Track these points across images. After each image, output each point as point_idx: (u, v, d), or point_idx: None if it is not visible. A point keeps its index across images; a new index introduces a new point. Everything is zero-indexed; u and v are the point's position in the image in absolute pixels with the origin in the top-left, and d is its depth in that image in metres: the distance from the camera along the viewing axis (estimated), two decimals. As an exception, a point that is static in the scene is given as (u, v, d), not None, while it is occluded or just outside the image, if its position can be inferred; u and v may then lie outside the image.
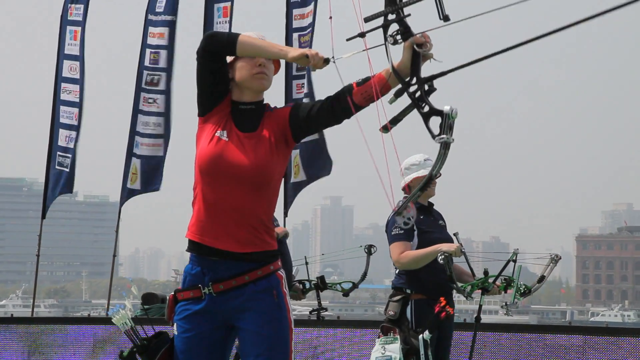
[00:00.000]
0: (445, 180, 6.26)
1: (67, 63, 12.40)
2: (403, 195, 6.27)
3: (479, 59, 3.35)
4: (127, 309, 4.41)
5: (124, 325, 4.35)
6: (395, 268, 6.27)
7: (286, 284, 3.98)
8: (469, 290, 6.24)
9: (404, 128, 3.68)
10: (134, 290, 4.94)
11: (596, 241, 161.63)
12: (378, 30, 3.56)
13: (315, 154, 11.07)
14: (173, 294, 3.99)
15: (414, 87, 3.54)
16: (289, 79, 11.30)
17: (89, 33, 12.42)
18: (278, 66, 4.10)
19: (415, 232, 6.15)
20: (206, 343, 3.91)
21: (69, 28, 12.43)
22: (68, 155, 12.21)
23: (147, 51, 12.10)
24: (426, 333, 5.95)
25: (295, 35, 11.29)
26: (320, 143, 11.00)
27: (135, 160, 12.06)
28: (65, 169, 12.23)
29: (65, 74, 12.38)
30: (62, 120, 12.29)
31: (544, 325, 26.19)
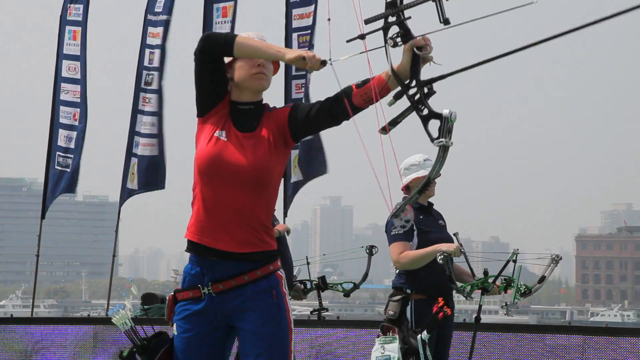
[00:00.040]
0: (444, 181, 6.26)
1: (65, 63, 12.40)
2: (402, 196, 6.27)
3: (479, 63, 3.36)
4: (126, 309, 4.41)
5: (124, 325, 4.35)
6: (396, 268, 6.27)
7: (286, 284, 3.98)
8: (469, 290, 6.24)
9: (403, 130, 3.67)
10: (133, 290, 4.94)
11: (596, 241, 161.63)
12: (378, 32, 3.56)
13: (312, 153, 11.07)
14: (173, 294, 4.00)
15: (413, 89, 3.54)
16: (289, 79, 11.30)
17: (92, 31, 12.41)
18: (277, 66, 4.09)
19: (415, 232, 6.15)
20: (206, 343, 3.91)
21: (67, 28, 12.42)
22: (69, 156, 12.20)
23: (147, 51, 12.11)
24: (424, 333, 5.95)
25: (294, 35, 11.29)
26: (316, 142, 10.99)
27: (135, 160, 12.07)
28: (65, 169, 12.22)
29: (65, 74, 12.38)
30: (61, 121, 12.29)
31: (543, 325, 26.20)
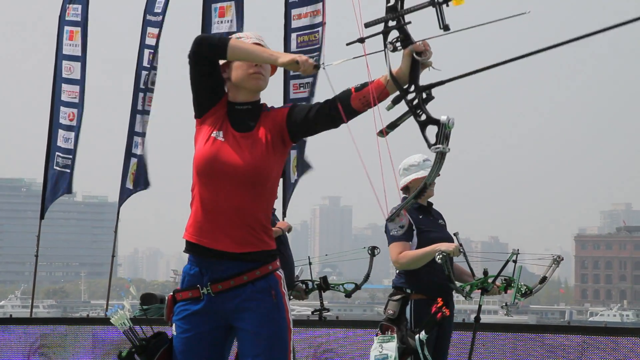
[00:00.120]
0: (444, 180, 6.25)
1: (65, 63, 12.40)
2: (402, 196, 6.25)
3: (478, 70, 3.36)
4: (125, 309, 4.41)
5: (123, 325, 4.35)
6: (396, 268, 6.26)
7: (285, 284, 3.98)
8: (468, 290, 6.24)
9: (401, 132, 3.68)
10: (132, 290, 4.94)
11: (595, 241, 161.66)
12: (377, 36, 3.56)
13: (299, 154, 11.06)
14: (172, 294, 4.00)
15: (412, 94, 3.54)
16: (288, 79, 11.29)
17: (91, 32, 12.39)
18: (275, 67, 4.09)
19: (415, 232, 6.15)
20: (205, 343, 3.90)
21: (66, 28, 12.42)
22: (68, 157, 12.20)
23: (146, 52, 12.11)
24: (422, 333, 5.94)
25: (293, 36, 11.28)
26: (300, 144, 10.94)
27: (134, 161, 12.08)
28: (64, 170, 12.22)
29: (65, 74, 12.38)
30: (61, 121, 12.29)
31: (543, 325, 26.23)
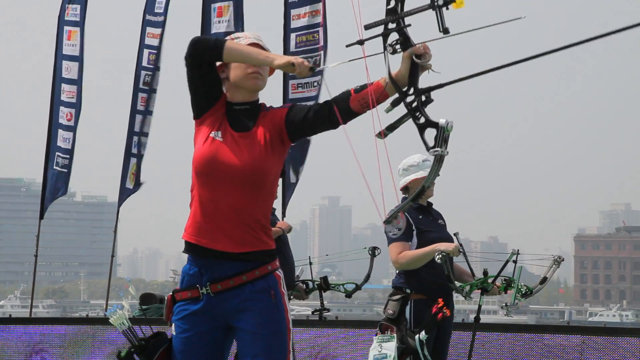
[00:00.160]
0: (443, 181, 6.24)
1: (65, 63, 12.40)
2: (402, 197, 6.25)
3: (477, 74, 3.36)
4: (125, 309, 4.41)
5: (122, 325, 4.35)
6: (395, 268, 6.26)
7: (284, 284, 3.98)
8: (468, 290, 6.23)
9: (399, 134, 3.66)
10: (131, 290, 4.95)
11: (594, 241, 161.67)
12: (377, 38, 3.55)
13: (302, 155, 11.01)
14: (171, 294, 4.00)
15: (411, 97, 3.54)
16: (287, 79, 11.29)
17: (90, 32, 12.40)
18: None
19: (414, 232, 6.14)
20: (204, 343, 3.90)
21: (66, 28, 12.42)
22: (67, 157, 12.21)
23: (145, 51, 12.10)
24: (422, 333, 5.93)
25: (292, 36, 11.27)
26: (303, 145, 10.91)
27: (134, 160, 12.07)
28: (64, 170, 12.23)
29: (64, 74, 12.38)
30: (60, 121, 12.29)
31: (542, 325, 26.21)
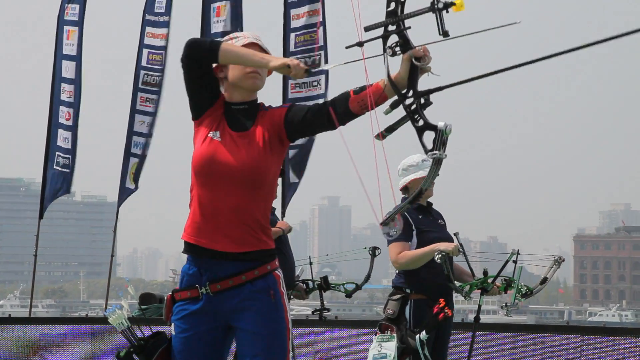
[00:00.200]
0: (443, 180, 6.23)
1: (65, 63, 12.39)
2: (402, 196, 6.25)
3: (476, 77, 3.36)
4: (124, 309, 4.41)
5: (120, 325, 4.35)
6: (395, 269, 6.25)
7: (284, 284, 3.97)
8: (468, 290, 6.22)
9: (399, 135, 3.66)
10: (130, 290, 4.94)
11: (594, 241, 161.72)
12: (376, 40, 3.55)
13: (305, 155, 10.97)
14: (171, 294, 4.00)
15: (410, 99, 3.54)
16: (287, 78, 11.27)
17: (90, 31, 12.38)
18: None
19: (414, 232, 6.13)
20: (203, 343, 3.90)
21: (65, 28, 12.42)
22: (67, 156, 12.19)
23: (145, 51, 12.08)
24: (423, 333, 5.93)
25: (292, 35, 11.26)
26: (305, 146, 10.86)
27: (134, 160, 12.04)
28: (64, 170, 12.21)
29: (64, 74, 12.37)
30: (60, 121, 12.28)
31: (541, 325, 26.23)
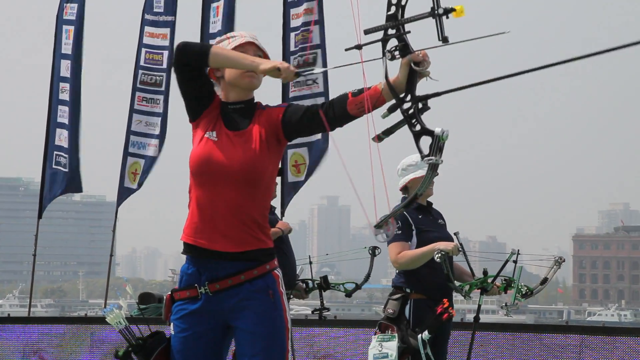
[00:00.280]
0: (442, 180, 6.22)
1: (64, 62, 12.38)
2: (402, 196, 6.24)
3: (475, 84, 3.36)
4: (123, 309, 4.41)
5: (118, 324, 4.34)
6: (395, 268, 6.24)
7: (283, 284, 3.97)
8: (467, 290, 6.22)
9: (398, 136, 3.65)
10: (128, 289, 4.94)
11: (593, 241, 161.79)
12: (375, 43, 3.54)
13: (322, 154, 10.88)
14: (170, 293, 4.00)
15: (407, 104, 3.54)
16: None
17: (89, 31, 12.37)
18: None
19: (414, 232, 6.13)
20: (203, 343, 3.90)
21: (64, 27, 12.41)
22: (65, 155, 12.17)
23: (143, 50, 12.07)
24: (425, 333, 5.92)
25: (292, 35, 11.25)
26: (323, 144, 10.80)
27: (132, 160, 12.00)
28: (63, 169, 12.19)
29: (63, 74, 12.36)
30: (59, 120, 12.26)
31: (541, 324, 26.23)
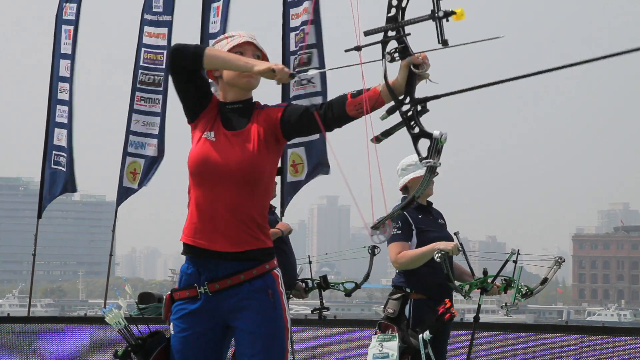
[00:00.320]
0: (442, 180, 6.22)
1: (63, 62, 12.38)
2: (402, 196, 6.24)
3: (473, 87, 3.37)
4: (122, 309, 4.40)
5: (117, 324, 4.34)
6: (395, 268, 6.24)
7: (282, 283, 3.97)
8: (467, 290, 6.22)
9: (397, 137, 3.65)
10: (127, 289, 4.94)
11: (592, 241, 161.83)
12: (375, 45, 3.54)
13: (322, 153, 10.88)
14: (170, 293, 4.00)
15: (406, 106, 3.54)
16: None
17: (89, 31, 12.39)
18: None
19: (414, 232, 6.12)
20: (202, 342, 3.90)
21: (64, 27, 12.41)
22: (64, 154, 12.17)
23: (143, 50, 12.06)
24: (427, 333, 5.91)
25: (292, 35, 11.25)
26: (320, 142, 10.81)
27: (131, 159, 11.99)
28: (61, 169, 12.18)
29: (62, 73, 12.36)
30: (57, 120, 12.26)
31: (540, 324, 26.23)
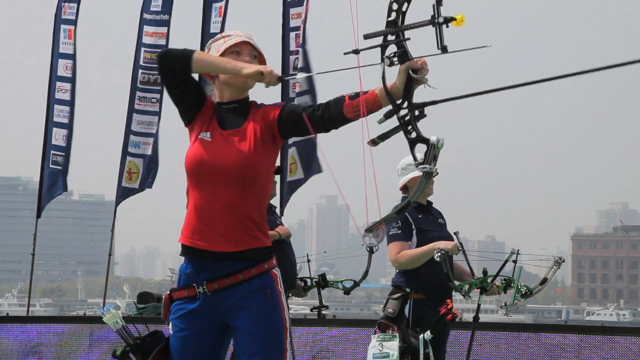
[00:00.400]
0: (441, 180, 6.22)
1: (62, 62, 12.37)
2: (402, 196, 6.24)
3: (472, 94, 3.36)
4: (120, 309, 4.40)
5: (116, 324, 4.34)
6: (395, 268, 6.24)
7: (281, 283, 3.96)
8: (467, 290, 6.22)
9: (395, 138, 3.65)
10: (126, 289, 4.93)
11: (592, 240, 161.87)
12: (374, 49, 3.54)
13: (310, 151, 10.93)
14: (169, 293, 3.99)
15: (404, 110, 3.54)
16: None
17: (88, 31, 12.41)
18: (264, 63, 4.07)
19: (414, 231, 6.12)
20: (201, 342, 3.90)
21: (63, 27, 12.41)
22: (62, 154, 12.17)
23: (142, 50, 12.06)
24: (427, 333, 5.91)
25: (292, 35, 11.25)
26: (312, 141, 10.85)
27: (131, 159, 12.00)
28: (60, 168, 12.19)
29: (61, 73, 12.35)
30: (56, 119, 12.26)
31: (539, 324, 26.22)
